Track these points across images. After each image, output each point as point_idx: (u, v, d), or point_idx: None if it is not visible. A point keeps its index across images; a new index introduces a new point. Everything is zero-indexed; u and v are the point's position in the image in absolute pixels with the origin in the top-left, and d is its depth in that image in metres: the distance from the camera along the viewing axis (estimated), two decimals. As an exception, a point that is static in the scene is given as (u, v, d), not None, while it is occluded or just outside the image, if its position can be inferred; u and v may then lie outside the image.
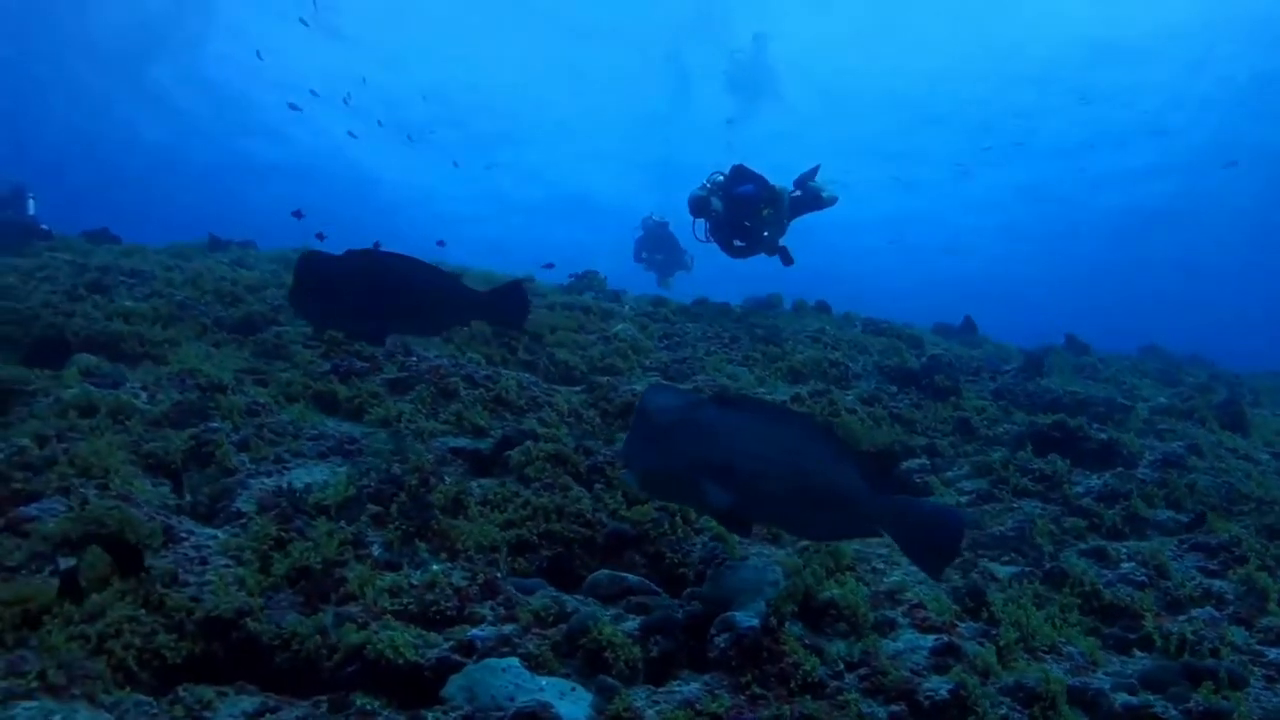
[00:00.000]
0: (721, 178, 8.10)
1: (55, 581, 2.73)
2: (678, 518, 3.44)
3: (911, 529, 2.93)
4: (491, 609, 2.95)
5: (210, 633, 2.72)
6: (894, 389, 5.26)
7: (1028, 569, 3.60)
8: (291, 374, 4.73)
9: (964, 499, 4.26)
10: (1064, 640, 3.21)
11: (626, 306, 7.01)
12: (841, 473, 2.89)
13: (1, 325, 5.01)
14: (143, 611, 2.70)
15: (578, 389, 4.90)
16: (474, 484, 3.60)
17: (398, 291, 4.08)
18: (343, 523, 3.14)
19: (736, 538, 3.44)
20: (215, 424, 3.99)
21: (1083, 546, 3.83)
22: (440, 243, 8.81)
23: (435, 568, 3.09)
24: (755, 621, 2.79)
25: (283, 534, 3.03)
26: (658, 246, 16.89)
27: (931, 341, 6.98)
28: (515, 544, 3.37)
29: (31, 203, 9.42)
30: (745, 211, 7.87)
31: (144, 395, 4.23)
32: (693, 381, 5.16)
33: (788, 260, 8.34)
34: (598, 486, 3.67)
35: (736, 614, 2.83)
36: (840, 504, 2.90)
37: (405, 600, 2.91)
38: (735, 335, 6.07)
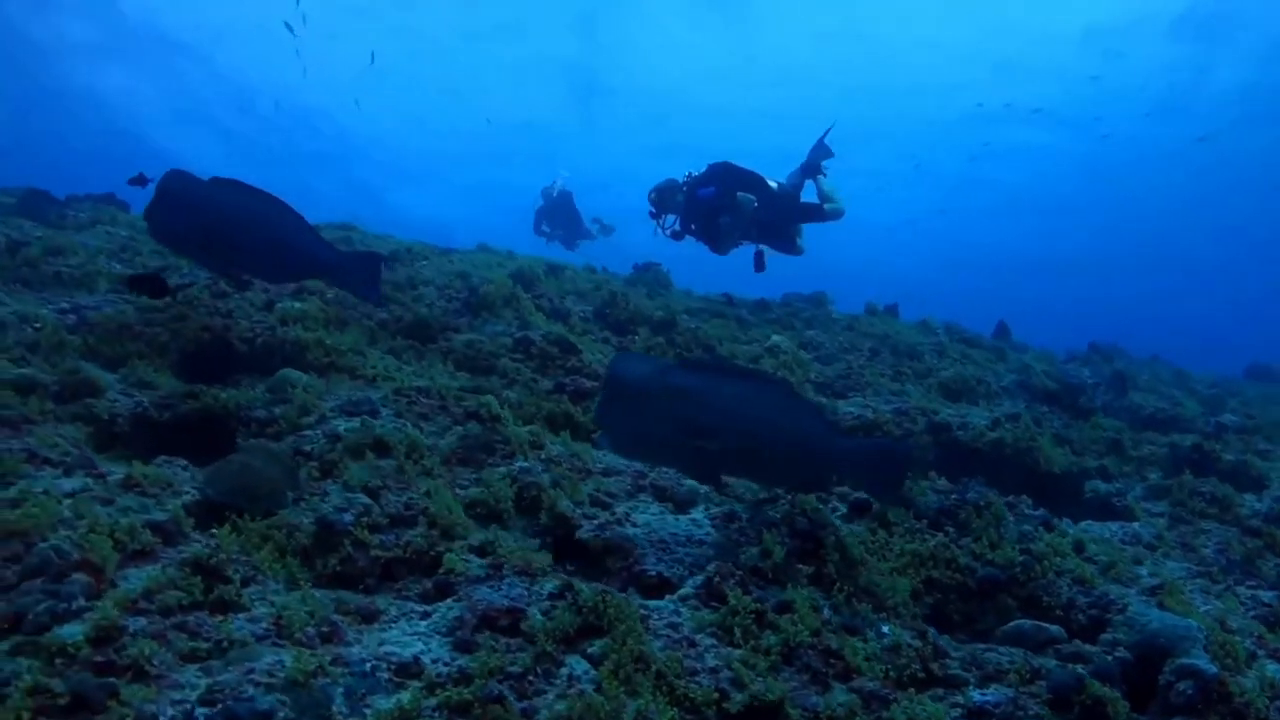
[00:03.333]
0: (698, 172, 7.92)
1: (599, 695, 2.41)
2: (1045, 562, 3.58)
3: (865, 467, 3.34)
4: (963, 668, 2.97)
5: (745, 724, 2.54)
6: (1044, 409, 5.68)
7: (1277, 592, 4.11)
8: (518, 394, 4.30)
9: (1161, 521, 4.74)
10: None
11: (744, 310, 6.92)
12: (802, 423, 3.20)
13: (146, 327, 4.14)
14: (675, 711, 2.48)
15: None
16: (845, 531, 3.53)
17: (253, 229, 3.94)
18: (794, 587, 3.00)
19: (1093, 572, 3.65)
20: (523, 463, 3.60)
21: (1287, 566, 4.42)
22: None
23: (886, 629, 3.05)
24: (1214, 669, 3.02)
25: (758, 607, 2.85)
26: (558, 218, 16.54)
27: (1005, 352, 7.45)
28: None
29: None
30: (701, 214, 7.71)
31: (405, 424, 3.71)
32: (862, 398, 5.28)
33: (760, 265, 8.22)
34: (949, 529, 3.72)
35: (1197, 661, 3.04)
36: (804, 452, 3.22)
37: (883, 667, 2.86)
38: (875, 349, 6.22)
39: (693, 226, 7.83)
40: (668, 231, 7.98)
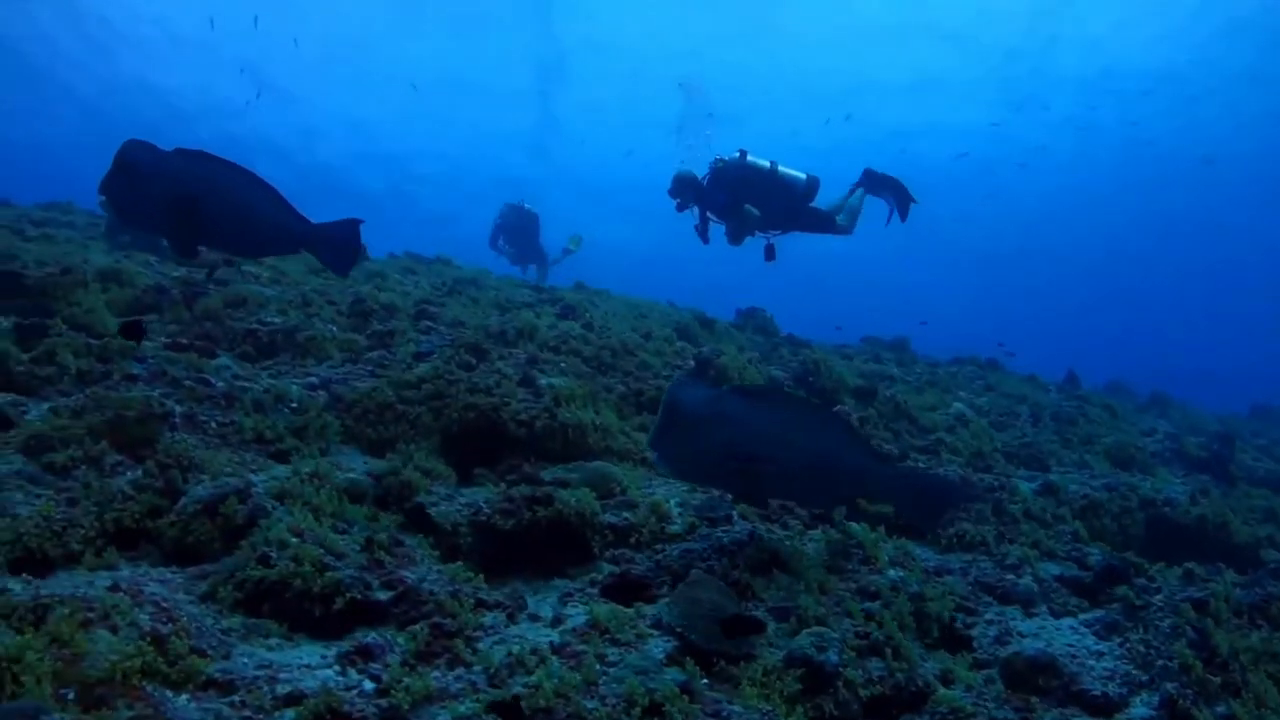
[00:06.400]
0: (723, 162, 7.84)
1: None
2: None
3: (912, 495, 3.35)
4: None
5: None
6: (1205, 477, 5.90)
7: None
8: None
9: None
10: None
11: (892, 368, 6.86)
12: (851, 450, 3.28)
13: (407, 407, 3.64)
14: None
15: (1032, 484, 4.84)
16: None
17: (221, 201, 3.71)
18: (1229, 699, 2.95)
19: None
20: (896, 573, 3.39)
21: None
22: None
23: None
24: None
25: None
26: (514, 237, 16.21)
27: (1114, 410, 7.71)
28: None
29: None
30: (715, 212, 7.84)
31: (768, 530, 3.43)
32: (1079, 475, 5.34)
33: (770, 256, 8.18)
34: (1260, 623, 3.78)
35: None
36: (851, 478, 3.29)
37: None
38: (1035, 414, 6.29)
39: (697, 225, 7.92)
40: (695, 222, 7.92)
